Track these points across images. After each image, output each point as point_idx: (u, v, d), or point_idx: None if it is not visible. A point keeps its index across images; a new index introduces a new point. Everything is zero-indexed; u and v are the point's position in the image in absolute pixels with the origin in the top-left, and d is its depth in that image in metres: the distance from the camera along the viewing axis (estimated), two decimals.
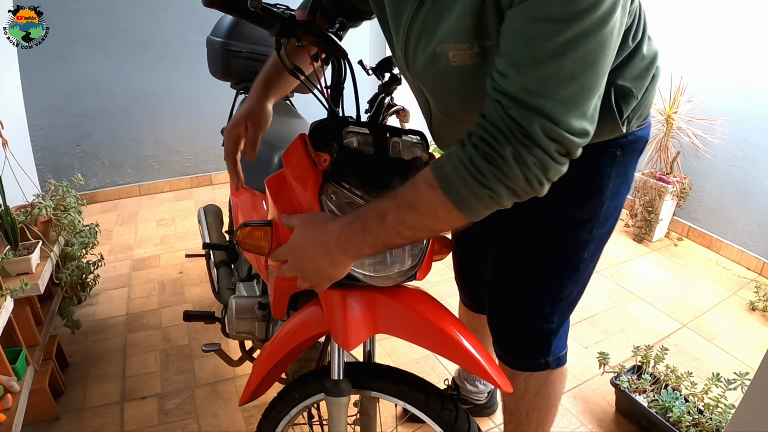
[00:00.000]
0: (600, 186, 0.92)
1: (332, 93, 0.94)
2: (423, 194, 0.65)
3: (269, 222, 0.92)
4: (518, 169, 0.60)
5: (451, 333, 0.83)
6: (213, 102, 3.14)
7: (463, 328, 0.85)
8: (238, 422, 1.56)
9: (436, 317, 0.84)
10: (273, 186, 0.94)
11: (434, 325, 0.83)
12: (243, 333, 1.19)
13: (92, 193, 3.15)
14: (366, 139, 0.83)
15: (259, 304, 1.19)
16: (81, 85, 2.91)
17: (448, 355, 0.85)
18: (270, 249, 0.90)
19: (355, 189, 0.82)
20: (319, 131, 0.86)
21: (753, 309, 2.23)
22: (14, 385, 1.34)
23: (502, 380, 0.84)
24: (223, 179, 3.49)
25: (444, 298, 2.20)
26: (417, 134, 0.89)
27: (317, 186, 0.82)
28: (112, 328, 2.00)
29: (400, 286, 0.88)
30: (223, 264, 1.61)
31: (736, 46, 2.51)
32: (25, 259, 1.52)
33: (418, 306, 0.85)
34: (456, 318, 0.87)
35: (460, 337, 0.83)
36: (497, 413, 1.62)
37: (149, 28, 2.95)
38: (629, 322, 2.11)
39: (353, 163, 0.82)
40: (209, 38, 1.74)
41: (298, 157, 0.87)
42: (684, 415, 1.42)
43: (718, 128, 2.57)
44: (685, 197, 2.77)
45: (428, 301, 0.88)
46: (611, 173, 0.91)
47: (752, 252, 2.57)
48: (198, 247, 2.52)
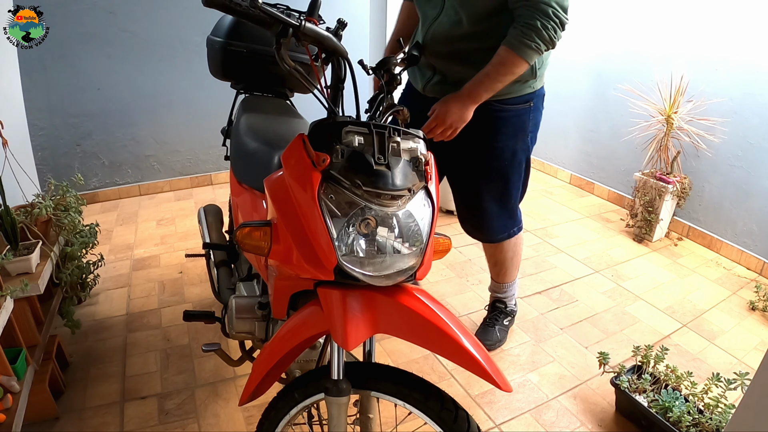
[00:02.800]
0: (525, 126, 1.56)
1: (332, 93, 0.94)
2: (506, 57, 1.31)
3: (268, 222, 0.92)
4: (545, 33, 1.28)
5: (450, 333, 0.83)
6: (213, 102, 3.14)
7: (462, 327, 0.85)
8: (238, 422, 1.56)
9: (435, 317, 0.84)
10: (272, 186, 0.94)
11: (433, 325, 0.83)
12: (243, 333, 1.19)
13: (92, 193, 3.15)
14: (366, 138, 0.83)
15: (259, 304, 1.19)
16: (81, 85, 2.90)
17: (447, 355, 0.85)
18: (269, 249, 0.90)
19: (355, 188, 0.82)
20: (318, 131, 0.86)
21: (753, 309, 2.23)
22: (14, 385, 1.34)
23: (502, 379, 0.85)
24: (223, 179, 3.49)
25: (444, 298, 2.21)
26: (417, 134, 0.90)
27: (316, 186, 0.82)
28: (112, 328, 2.00)
29: (399, 285, 0.89)
30: (223, 264, 1.61)
31: (736, 46, 2.51)
32: (25, 259, 1.52)
33: (417, 306, 0.85)
34: (456, 318, 0.87)
35: (460, 337, 0.83)
36: (498, 414, 1.62)
37: (149, 28, 2.95)
38: (629, 322, 2.11)
39: (352, 162, 0.82)
40: (209, 38, 1.74)
41: (297, 157, 0.87)
42: (684, 415, 1.42)
43: (718, 128, 2.57)
44: (685, 197, 2.77)
45: (428, 300, 0.87)
46: (530, 117, 1.55)
47: (752, 252, 2.57)
48: (198, 247, 2.52)
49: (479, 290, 2.30)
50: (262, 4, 0.82)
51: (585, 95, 3.44)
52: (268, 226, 0.91)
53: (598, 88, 3.33)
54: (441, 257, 1.06)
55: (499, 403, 1.66)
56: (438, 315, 0.85)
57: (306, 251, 0.85)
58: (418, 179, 0.88)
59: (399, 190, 0.83)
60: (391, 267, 0.86)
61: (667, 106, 2.66)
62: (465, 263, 2.54)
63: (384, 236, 0.84)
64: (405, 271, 0.87)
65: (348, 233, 0.83)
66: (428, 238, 0.89)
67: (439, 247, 1.04)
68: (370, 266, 0.84)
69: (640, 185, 2.79)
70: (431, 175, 0.91)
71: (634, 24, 3.01)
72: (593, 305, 2.22)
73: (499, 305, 1.99)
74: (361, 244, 0.84)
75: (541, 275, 2.45)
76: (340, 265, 0.83)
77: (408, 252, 0.87)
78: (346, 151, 0.83)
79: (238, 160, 1.51)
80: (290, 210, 0.88)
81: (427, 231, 0.88)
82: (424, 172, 0.89)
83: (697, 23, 2.67)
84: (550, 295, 2.29)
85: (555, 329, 2.05)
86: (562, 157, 3.77)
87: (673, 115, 2.63)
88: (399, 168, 0.84)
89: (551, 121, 3.76)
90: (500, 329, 1.95)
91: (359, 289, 0.86)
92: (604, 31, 3.22)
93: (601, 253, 2.69)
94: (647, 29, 2.94)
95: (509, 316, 2.00)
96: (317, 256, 0.84)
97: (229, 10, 0.82)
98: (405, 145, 0.86)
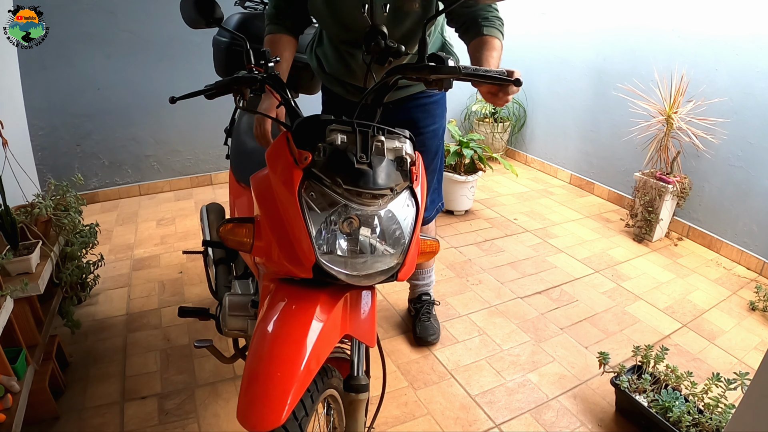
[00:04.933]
0: (444, 111, 1.67)
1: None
2: (499, 45, 1.28)
3: (251, 219, 0.92)
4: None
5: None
6: (213, 102, 3.11)
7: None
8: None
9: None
10: (256, 183, 0.94)
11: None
12: (235, 330, 1.19)
13: (92, 192, 3.15)
14: (349, 137, 0.83)
15: (252, 302, 1.18)
16: (81, 85, 2.91)
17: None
18: (252, 246, 0.90)
19: (335, 187, 0.82)
20: (303, 129, 0.86)
21: (753, 309, 2.23)
22: (14, 385, 1.34)
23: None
24: (223, 179, 3.49)
25: (444, 298, 2.21)
26: (403, 133, 0.89)
27: (297, 183, 0.82)
28: (112, 327, 2.00)
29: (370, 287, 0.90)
30: (222, 262, 1.61)
31: (736, 46, 2.51)
32: (25, 259, 1.52)
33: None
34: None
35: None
36: (498, 414, 1.62)
37: (149, 28, 2.95)
38: (629, 322, 2.11)
39: (334, 161, 0.82)
40: (215, 38, 1.74)
41: (280, 155, 0.87)
42: (684, 415, 1.42)
43: (718, 128, 2.57)
44: (685, 197, 2.77)
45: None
46: (445, 103, 1.66)
47: (752, 252, 2.57)
48: (198, 247, 2.52)
49: (479, 290, 2.30)
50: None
51: (585, 95, 3.44)
52: (251, 223, 0.91)
53: (598, 88, 3.33)
54: (428, 259, 1.06)
55: (499, 403, 1.66)
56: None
57: (286, 249, 0.85)
58: (402, 179, 0.87)
59: (380, 190, 0.82)
60: (372, 267, 0.86)
61: (667, 106, 2.66)
62: (465, 263, 2.54)
63: (365, 236, 0.84)
64: (385, 271, 0.87)
65: (329, 231, 0.83)
66: (411, 239, 0.88)
67: (425, 249, 1.04)
68: (350, 266, 0.84)
69: (640, 185, 2.79)
70: (417, 175, 0.91)
71: (635, 24, 3.01)
72: (593, 305, 2.22)
73: (425, 297, 2.02)
74: (341, 243, 0.84)
75: (541, 275, 2.45)
76: (319, 264, 0.82)
77: (389, 252, 0.86)
78: (329, 149, 0.82)
79: (237, 158, 1.51)
80: (272, 207, 0.88)
81: (409, 232, 0.88)
82: (409, 172, 0.88)
83: (698, 23, 2.66)
84: (550, 295, 2.29)
85: (555, 329, 2.05)
86: (562, 157, 3.77)
87: (674, 115, 2.63)
88: (382, 167, 0.83)
89: (551, 121, 3.77)
90: (434, 319, 2.00)
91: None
92: (604, 31, 3.22)
93: (601, 253, 2.69)
94: (647, 29, 2.94)
95: (434, 304, 2.05)
96: (297, 254, 0.84)
97: (197, 94, 0.96)
98: (389, 145, 0.85)
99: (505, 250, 2.69)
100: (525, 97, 3.92)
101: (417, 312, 1.99)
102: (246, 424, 0.74)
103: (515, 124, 4.03)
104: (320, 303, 0.87)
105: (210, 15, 1.04)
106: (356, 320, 0.95)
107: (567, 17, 3.47)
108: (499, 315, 2.13)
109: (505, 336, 2.00)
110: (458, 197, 3.04)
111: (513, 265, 2.54)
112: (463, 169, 2.98)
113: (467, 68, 0.87)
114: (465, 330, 2.03)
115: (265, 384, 0.76)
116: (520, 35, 3.78)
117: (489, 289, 2.32)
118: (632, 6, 3.01)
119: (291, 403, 0.75)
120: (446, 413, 1.61)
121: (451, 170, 2.97)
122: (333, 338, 0.88)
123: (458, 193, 3.02)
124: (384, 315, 2.11)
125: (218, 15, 1.05)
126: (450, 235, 2.83)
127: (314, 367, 0.80)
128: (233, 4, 2.01)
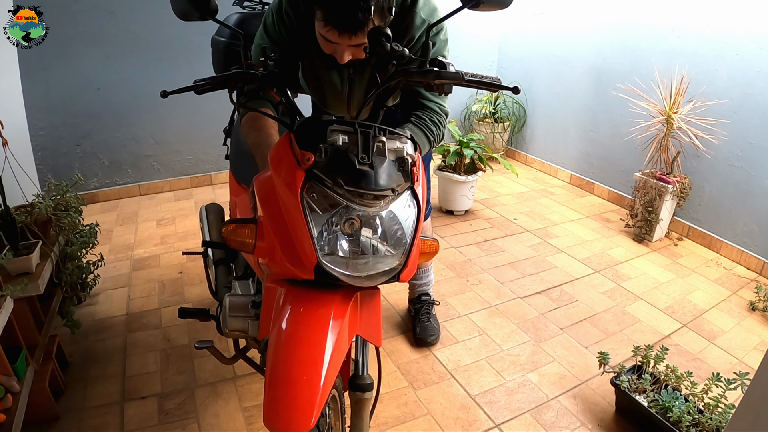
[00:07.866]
0: None
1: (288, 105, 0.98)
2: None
3: (254, 219, 0.92)
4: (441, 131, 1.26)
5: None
6: (213, 102, 3.10)
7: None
8: (239, 422, 1.56)
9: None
10: (260, 184, 0.94)
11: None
12: (236, 331, 1.19)
13: (92, 192, 3.15)
14: (350, 138, 0.83)
15: (252, 303, 1.18)
16: (81, 85, 2.90)
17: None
18: (254, 246, 0.90)
19: (337, 188, 0.82)
20: (305, 129, 0.86)
21: (753, 309, 2.23)
22: (14, 385, 1.34)
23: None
24: (223, 179, 3.49)
25: (444, 298, 2.21)
26: (404, 134, 0.89)
27: (299, 184, 0.82)
28: (112, 328, 2.00)
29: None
30: (222, 262, 1.61)
31: (736, 46, 2.51)
32: (25, 259, 1.52)
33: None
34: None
35: None
36: (498, 414, 1.62)
37: (149, 28, 2.95)
38: (629, 322, 2.11)
39: (336, 161, 0.82)
40: (214, 38, 1.74)
41: (282, 156, 0.87)
42: (684, 415, 1.42)
43: (718, 129, 2.57)
44: (685, 197, 2.77)
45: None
46: None
47: (752, 252, 2.57)
48: (198, 247, 2.52)
49: (479, 290, 2.30)
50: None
51: (585, 95, 3.44)
52: (253, 224, 0.91)
53: (598, 88, 3.33)
54: (428, 259, 1.06)
55: (499, 403, 1.66)
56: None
57: (288, 250, 0.85)
58: (404, 180, 0.87)
59: (382, 190, 0.82)
60: (374, 268, 0.85)
61: (667, 106, 2.65)
62: (465, 263, 2.54)
63: (366, 237, 0.84)
64: (387, 272, 0.87)
65: (330, 232, 0.83)
66: (412, 240, 0.88)
67: (425, 249, 1.04)
68: (352, 267, 0.84)
69: (640, 185, 2.79)
70: (418, 176, 0.91)
71: (635, 24, 3.01)
72: (593, 305, 2.22)
73: (425, 297, 2.03)
74: (343, 244, 0.83)
75: (541, 275, 2.45)
76: (320, 265, 0.82)
77: (390, 253, 0.86)
78: (330, 150, 0.82)
79: (237, 159, 1.51)
80: (275, 208, 0.88)
81: (411, 232, 0.88)
82: (411, 173, 0.88)
83: (698, 23, 2.66)
84: (550, 295, 2.29)
85: (555, 329, 2.05)
86: (562, 157, 3.77)
87: (674, 115, 2.63)
88: (383, 168, 0.83)
89: (551, 121, 3.77)
90: (434, 320, 2.00)
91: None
92: (604, 31, 3.22)
93: (601, 253, 2.69)
94: (647, 29, 2.94)
95: (434, 304, 2.05)
96: (298, 255, 0.84)
97: (189, 89, 0.96)
98: (391, 145, 0.85)
99: (505, 250, 2.69)
100: (525, 97, 3.92)
101: (417, 312, 1.99)
102: (275, 428, 0.75)
103: (515, 124, 4.03)
104: (335, 305, 0.87)
105: (204, 6, 0.97)
106: (364, 321, 0.95)
107: (567, 17, 3.47)
108: (499, 315, 2.13)
109: (505, 336, 2.00)
110: (458, 197, 3.04)
111: (513, 265, 2.54)
112: (463, 169, 2.98)
113: (469, 74, 0.88)
114: (465, 330, 2.03)
115: (293, 388, 0.77)
116: (519, 35, 3.78)
117: (489, 289, 2.32)
118: (632, 5, 3.01)
119: (319, 406, 0.76)
120: (446, 413, 1.62)
121: (451, 170, 2.97)
122: (348, 339, 0.88)
123: (458, 193, 3.02)
124: (384, 315, 2.11)
125: (213, 7, 0.98)
126: (450, 235, 2.83)
127: (335, 368, 0.81)
128: (231, 4, 2.01)
